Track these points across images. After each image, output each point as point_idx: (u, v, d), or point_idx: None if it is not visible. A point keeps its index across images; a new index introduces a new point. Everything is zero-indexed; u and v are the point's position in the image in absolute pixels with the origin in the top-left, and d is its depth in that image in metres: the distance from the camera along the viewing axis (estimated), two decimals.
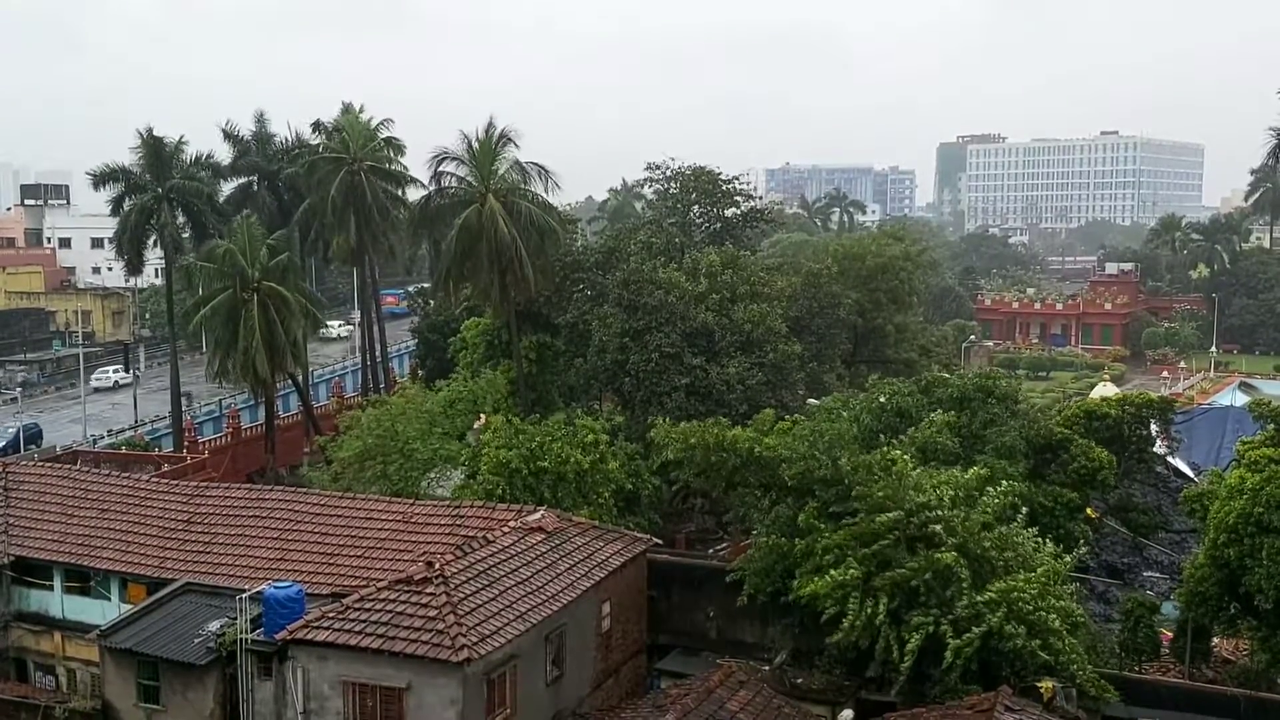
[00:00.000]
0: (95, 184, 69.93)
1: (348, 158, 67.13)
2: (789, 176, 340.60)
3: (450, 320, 66.07)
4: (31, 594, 33.27)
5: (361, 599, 25.06)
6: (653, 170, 64.36)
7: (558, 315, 55.43)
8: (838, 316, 55.69)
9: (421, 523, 31.07)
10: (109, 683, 27.52)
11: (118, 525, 33.40)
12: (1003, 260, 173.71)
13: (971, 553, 26.42)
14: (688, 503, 47.16)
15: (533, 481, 37.31)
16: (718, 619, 31.52)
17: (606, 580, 28.76)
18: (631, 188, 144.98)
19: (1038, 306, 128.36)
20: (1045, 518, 32.91)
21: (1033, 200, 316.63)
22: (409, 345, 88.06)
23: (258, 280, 54.71)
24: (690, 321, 48.46)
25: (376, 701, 23.76)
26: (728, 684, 26.80)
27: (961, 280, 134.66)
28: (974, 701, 24.24)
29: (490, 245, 51.57)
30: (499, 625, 24.51)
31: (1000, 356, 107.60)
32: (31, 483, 35.93)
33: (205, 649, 26.23)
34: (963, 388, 37.75)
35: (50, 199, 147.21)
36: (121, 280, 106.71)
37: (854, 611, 25.81)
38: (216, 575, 30.08)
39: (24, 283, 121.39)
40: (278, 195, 76.53)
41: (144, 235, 68.81)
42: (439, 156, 55.21)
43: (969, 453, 34.43)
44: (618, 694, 29.34)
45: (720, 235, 61.68)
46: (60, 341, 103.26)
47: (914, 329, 63.19)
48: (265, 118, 78.72)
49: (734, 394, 46.65)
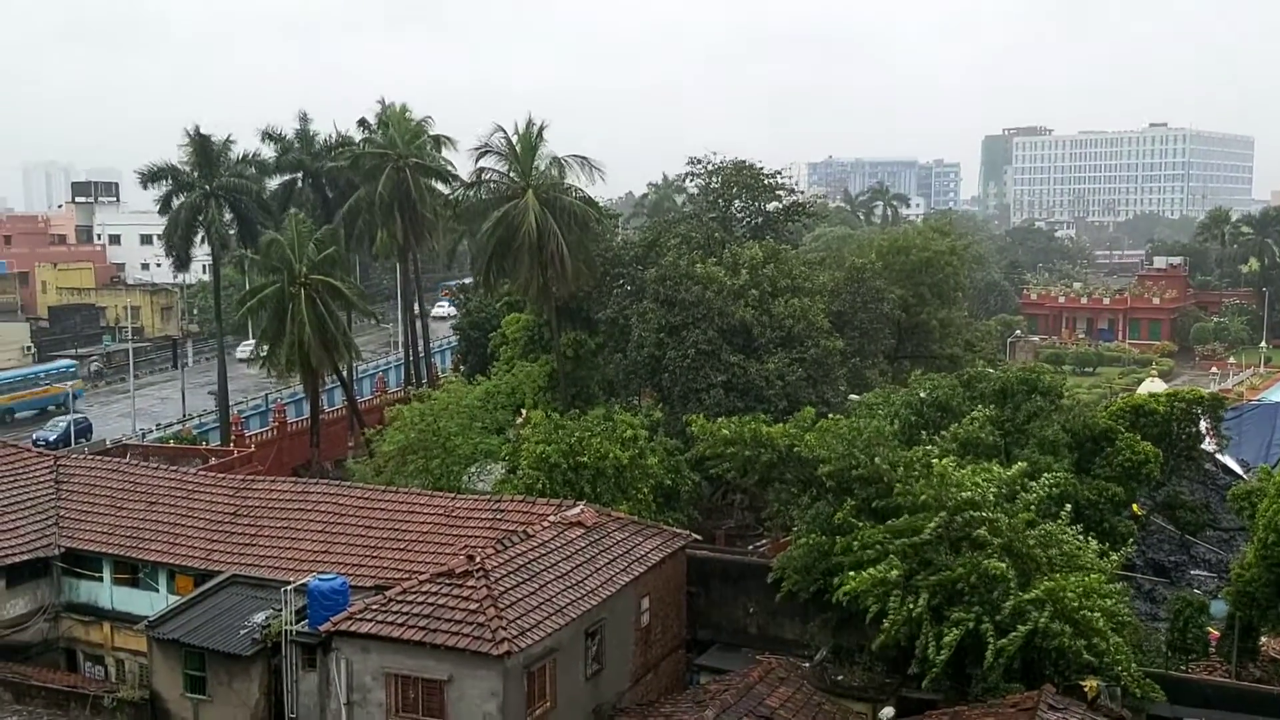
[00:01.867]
0: (144, 182, 70.96)
1: (393, 154, 67.60)
2: (831, 170, 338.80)
3: (491, 316, 66.43)
4: (81, 585, 33.84)
5: (404, 591, 25.28)
6: (694, 165, 64.22)
7: (597, 310, 55.53)
8: (881, 311, 55.31)
9: (463, 517, 31.27)
10: (157, 673, 27.91)
11: (166, 518, 33.89)
12: (1049, 254, 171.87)
13: (1016, 551, 26.18)
14: (727, 499, 47.08)
15: (572, 476, 37.42)
16: (757, 615, 31.47)
17: (646, 575, 28.81)
18: (672, 182, 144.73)
19: (1084, 301, 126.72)
20: (1090, 512, 32.51)
21: (1080, 193, 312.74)
22: (450, 340, 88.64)
23: (305, 274, 55.34)
24: (728, 317, 48.31)
25: (418, 693, 23.96)
26: (767, 680, 26.79)
27: (1007, 275, 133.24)
28: (1017, 699, 24.06)
29: (530, 240, 51.76)
30: (539, 619, 24.63)
31: (1046, 352, 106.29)
32: (82, 476, 36.55)
33: (251, 640, 26.53)
34: (1005, 381, 37.36)
35: (100, 196, 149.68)
36: (170, 276, 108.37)
37: (895, 609, 25.67)
38: (262, 567, 30.43)
39: (75, 279, 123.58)
40: (321, 192, 77.22)
41: (192, 232, 69.77)
42: (480, 151, 55.50)
43: (1011, 447, 34.10)
44: (657, 689, 29.39)
45: (761, 229, 61.43)
46: (110, 337, 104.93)
47: (958, 324, 62.67)
48: (308, 116, 79.44)
49: (773, 390, 46.50)
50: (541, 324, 57.06)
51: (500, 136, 54.45)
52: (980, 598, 25.30)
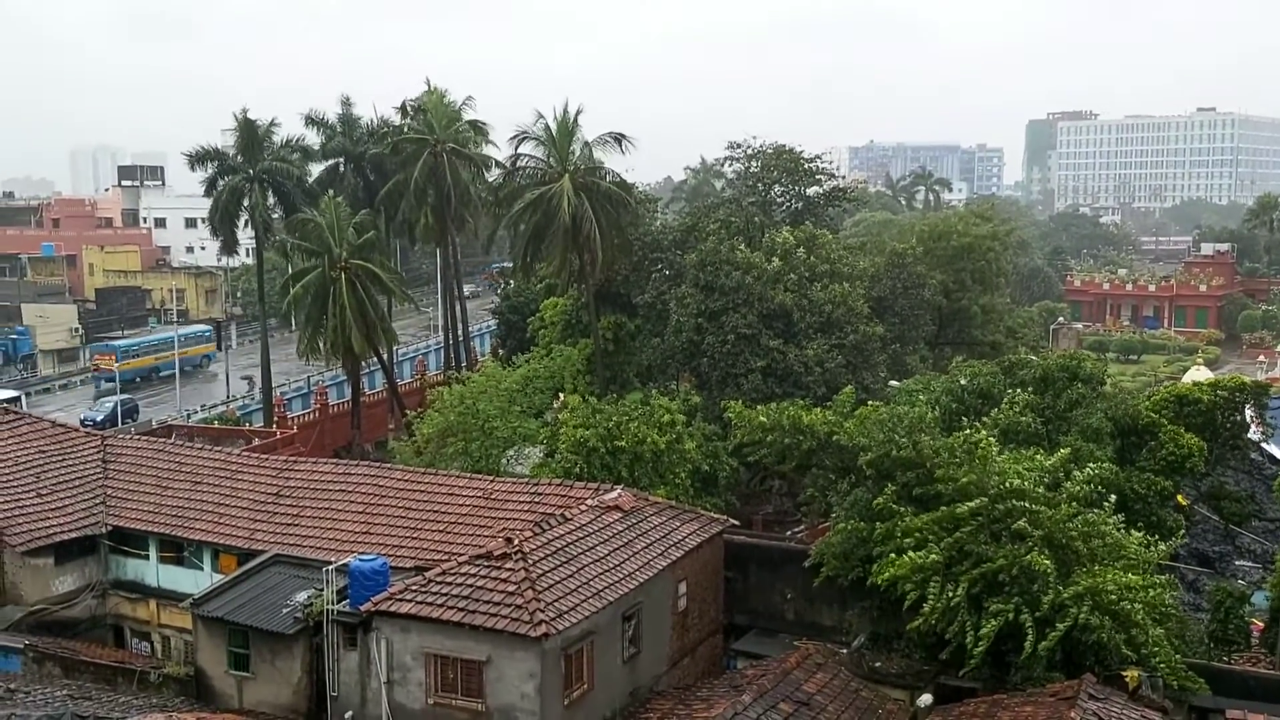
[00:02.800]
0: (191, 163, 71.74)
1: (431, 139, 67.89)
2: (873, 154, 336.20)
3: (530, 300, 66.68)
4: (128, 563, 34.39)
5: (443, 573, 25.50)
6: (733, 149, 64.04)
7: (636, 295, 55.59)
8: (922, 297, 54.95)
9: (501, 499, 31.46)
10: (201, 650, 28.27)
11: (210, 497, 34.35)
12: (1093, 240, 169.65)
13: (1057, 541, 25.97)
14: (765, 484, 47.02)
15: (610, 460, 37.55)
16: (795, 601, 31.44)
17: (683, 560, 28.87)
18: (711, 166, 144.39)
19: (1129, 288, 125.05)
20: (1136, 504, 32.18)
21: (1125, 179, 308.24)
22: (489, 325, 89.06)
23: (345, 259, 55.78)
24: (768, 302, 48.18)
25: (457, 673, 24.17)
26: (805, 665, 26.79)
27: (1050, 261, 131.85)
28: (1057, 689, 23.90)
29: (566, 224, 51.91)
30: (576, 602, 24.76)
31: (1090, 339, 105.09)
32: (129, 456, 37.10)
33: (293, 619, 26.81)
34: (1046, 368, 37.02)
35: (146, 180, 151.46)
36: (214, 259, 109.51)
37: (934, 596, 25.57)
38: (304, 547, 30.77)
39: (121, 261, 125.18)
40: (364, 177, 77.75)
41: (235, 215, 70.50)
42: (517, 137, 55.71)
43: (1052, 434, 33.80)
44: (694, 673, 29.47)
45: (801, 214, 61.17)
46: (155, 319, 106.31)
47: (1000, 310, 62.18)
48: (350, 101, 79.91)
49: (813, 376, 46.35)
50: (580, 308, 57.20)
51: (540, 124, 54.68)
52: (1020, 589, 25.14)
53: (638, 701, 26.79)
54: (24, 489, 34.42)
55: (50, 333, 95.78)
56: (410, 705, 24.70)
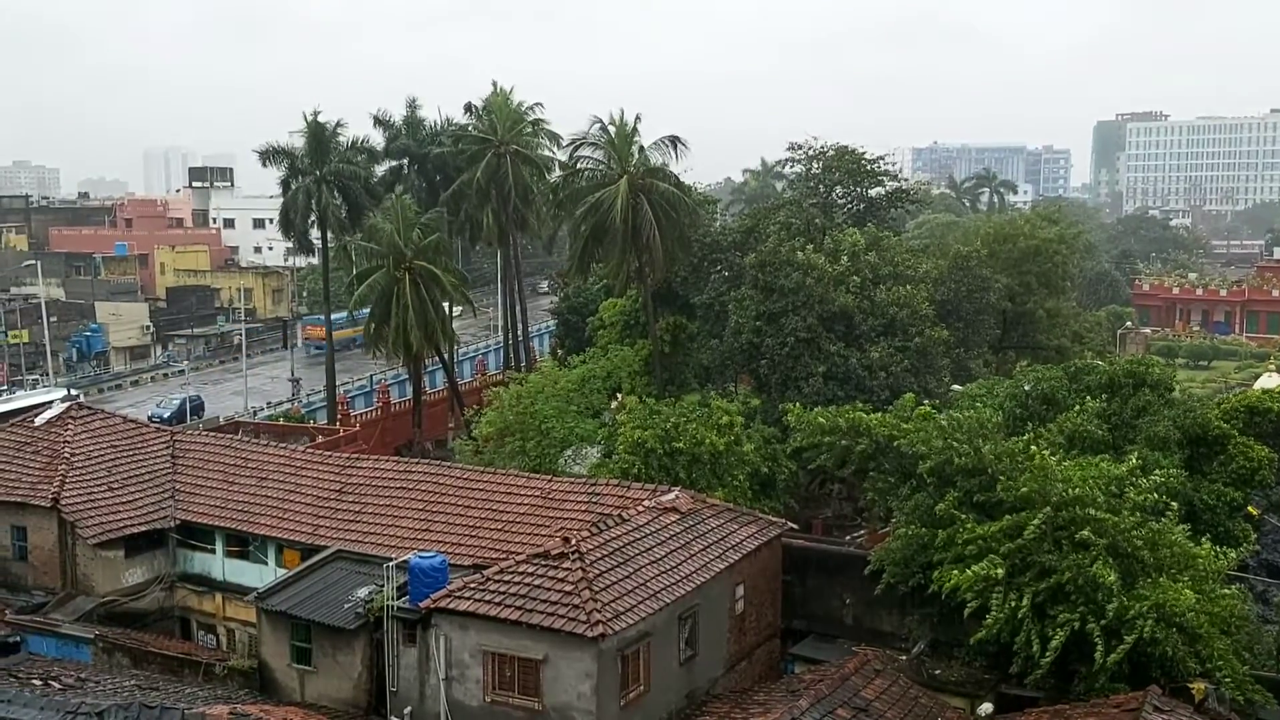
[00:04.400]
0: (262, 160, 72.96)
1: (494, 140, 68.41)
2: (936, 156, 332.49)
3: (589, 300, 66.87)
4: (195, 556, 35.08)
5: (501, 571, 25.66)
6: (794, 150, 63.71)
7: (694, 296, 55.53)
8: (987, 301, 54.23)
9: (559, 499, 31.59)
10: (265, 643, 28.68)
11: (275, 493, 34.90)
12: (1163, 244, 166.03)
13: (1122, 550, 25.49)
14: (825, 488, 46.74)
15: (668, 462, 37.52)
16: (853, 606, 31.18)
17: (740, 563, 28.76)
18: (771, 168, 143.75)
19: (1200, 292, 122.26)
20: (1205, 514, 31.49)
21: (1196, 181, 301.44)
22: (549, 325, 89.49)
23: (410, 259, 56.43)
24: (829, 305, 47.79)
25: (515, 671, 24.30)
26: (863, 671, 26.54)
27: (1118, 264, 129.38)
28: (1121, 700, 23.45)
29: (625, 226, 52.05)
30: (633, 603, 24.77)
31: (1158, 344, 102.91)
32: (197, 451, 37.85)
33: (354, 614, 27.10)
34: (1112, 374, 36.36)
35: (215, 181, 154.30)
36: (280, 259, 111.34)
37: (997, 606, 25.18)
38: (365, 544, 31.14)
39: (191, 261, 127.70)
40: (428, 177, 78.55)
41: (309, 215, 71.61)
42: (577, 141, 55.97)
43: (1119, 442, 33.18)
44: (751, 676, 29.36)
45: (863, 216, 60.71)
46: (224, 317, 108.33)
47: (1066, 314, 61.21)
48: (417, 103, 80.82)
49: (876, 380, 45.91)
50: (638, 308, 57.28)
51: (598, 127, 54.94)
52: (1085, 597, 24.71)
53: (694, 704, 26.73)
54: (96, 483, 35.30)
55: (122, 330, 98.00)
56: (468, 702, 24.89)
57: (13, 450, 36.66)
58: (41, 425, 37.66)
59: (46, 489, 34.39)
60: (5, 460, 36.25)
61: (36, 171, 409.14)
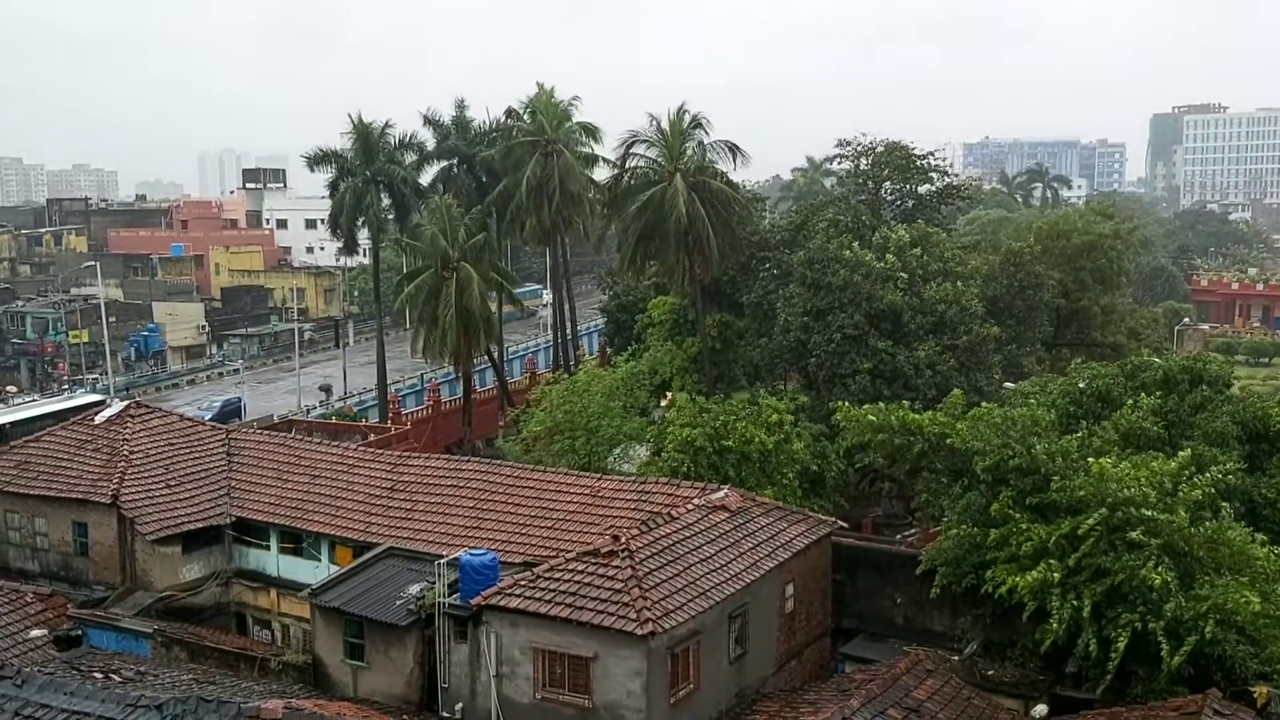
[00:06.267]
0: (310, 165, 73.89)
1: (542, 140, 68.65)
2: (988, 151, 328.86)
3: (639, 299, 66.90)
4: (250, 553, 35.55)
5: (551, 569, 25.75)
6: (843, 146, 63.25)
7: (743, 294, 55.40)
8: (1039, 297, 53.51)
9: (608, 497, 31.63)
10: (318, 639, 28.98)
11: (327, 491, 35.25)
12: (1221, 238, 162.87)
13: (1178, 549, 25.05)
14: (875, 487, 46.41)
15: (717, 460, 37.45)
16: (904, 606, 30.96)
17: (790, 561, 28.65)
18: (820, 165, 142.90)
19: (1260, 288, 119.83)
20: (1265, 509, 30.85)
21: (1257, 174, 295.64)
22: (598, 324, 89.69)
23: (457, 259, 56.80)
24: (876, 302, 47.40)
25: (565, 669, 24.38)
26: (914, 672, 26.33)
27: (1175, 259, 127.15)
28: (1180, 704, 23.04)
29: (677, 224, 52.01)
30: (682, 601, 24.75)
31: (1217, 340, 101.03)
32: (251, 449, 38.37)
33: (406, 611, 27.30)
34: (1168, 370, 35.73)
35: (268, 183, 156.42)
36: (332, 260, 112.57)
37: (1057, 610, 24.82)
38: (416, 541, 31.34)
39: (245, 261, 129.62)
40: (475, 177, 79.01)
41: (356, 216, 72.34)
42: (629, 140, 56.00)
43: (1175, 439, 32.59)
44: (801, 675, 29.24)
45: (912, 213, 60.14)
46: (278, 317, 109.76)
47: (1122, 311, 60.30)
48: (465, 104, 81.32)
49: (923, 378, 45.51)
50: (687, 306, 57.22)
51: (651, 126, 55.01)
52: (1142, 597, 24.32)
53: (744, 703, 26.67)
54: (154, 480, 35.92)
55: (179, 330, 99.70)
56: (518, 699, 25.02)
57: (73, 448, 37.40)
58: (101, 424, 38.37)
59: (106, 486, 35.05)
60: (66, 458, 37.00)
61: (95, 175, 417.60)
